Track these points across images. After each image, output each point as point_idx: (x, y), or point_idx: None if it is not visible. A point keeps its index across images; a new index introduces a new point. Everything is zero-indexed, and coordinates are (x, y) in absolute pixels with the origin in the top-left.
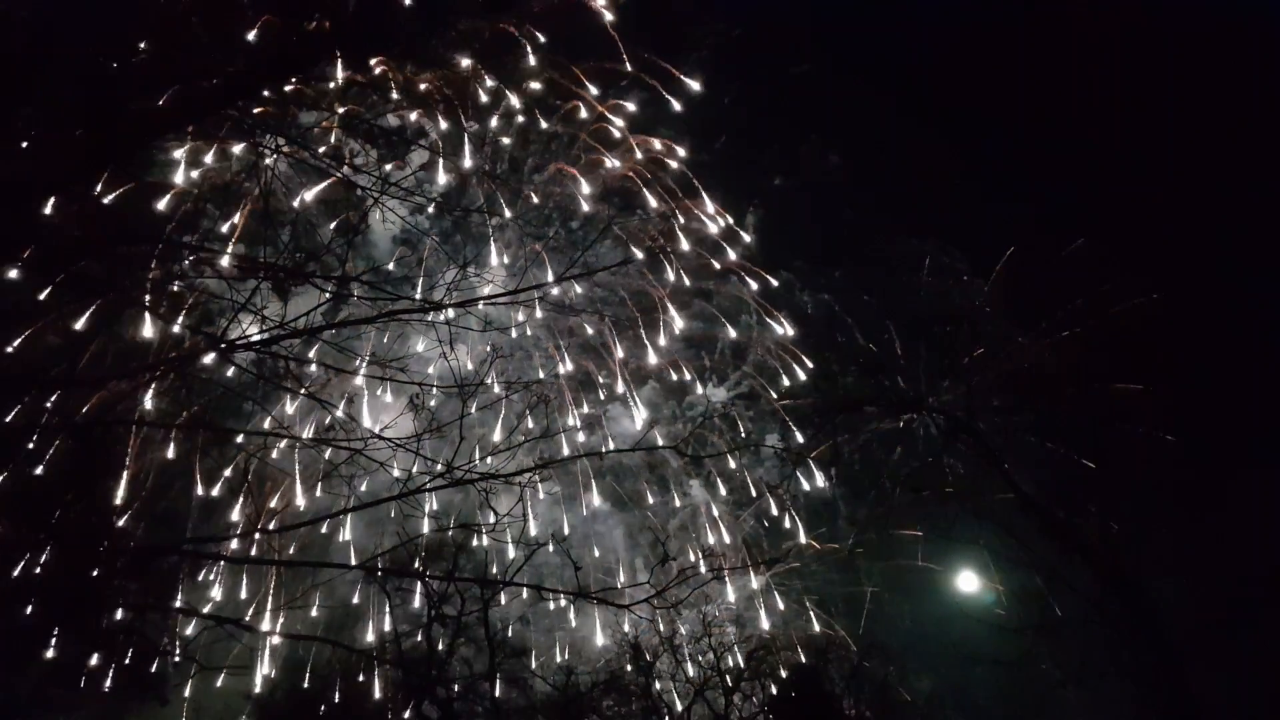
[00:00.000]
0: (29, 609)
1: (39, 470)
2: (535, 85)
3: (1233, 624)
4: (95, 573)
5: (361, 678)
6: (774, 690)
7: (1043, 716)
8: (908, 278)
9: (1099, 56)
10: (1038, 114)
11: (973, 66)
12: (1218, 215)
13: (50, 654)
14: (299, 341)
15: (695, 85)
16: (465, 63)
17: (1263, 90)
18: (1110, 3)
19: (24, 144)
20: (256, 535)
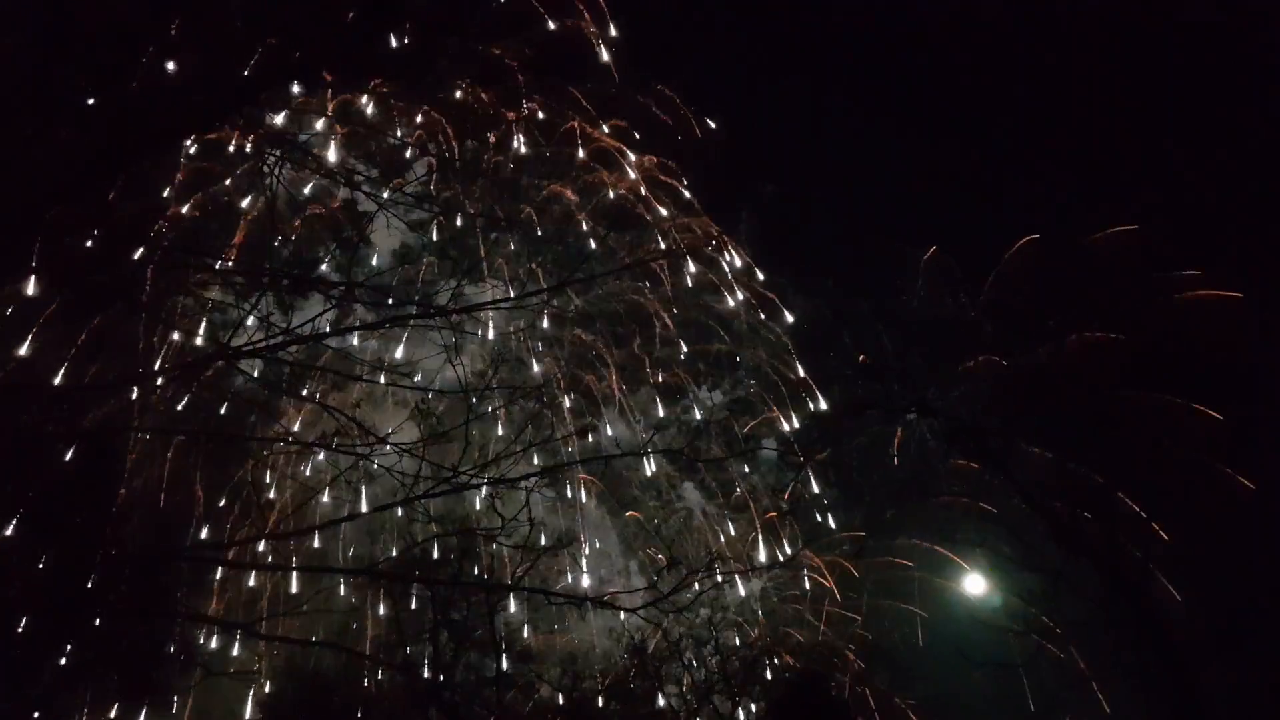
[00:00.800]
0: (36, 615)
1: (46, 477)
2: (539, 114)
3: (1239, 627)
4: (101, 578)
5: (366, 683)
6: (777, 695)
7: (1048, 719)
8: (902, 283)
9: (1093, 56)
10: (1030, 116)
11: (961, 68)
12: (1213, 214)
13: (57, 660)
14: (304, 348)
15: (712, 124)
16: (458, 94)
17: (1262, 90)
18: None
19: (28, 153)
20: (261, 542)
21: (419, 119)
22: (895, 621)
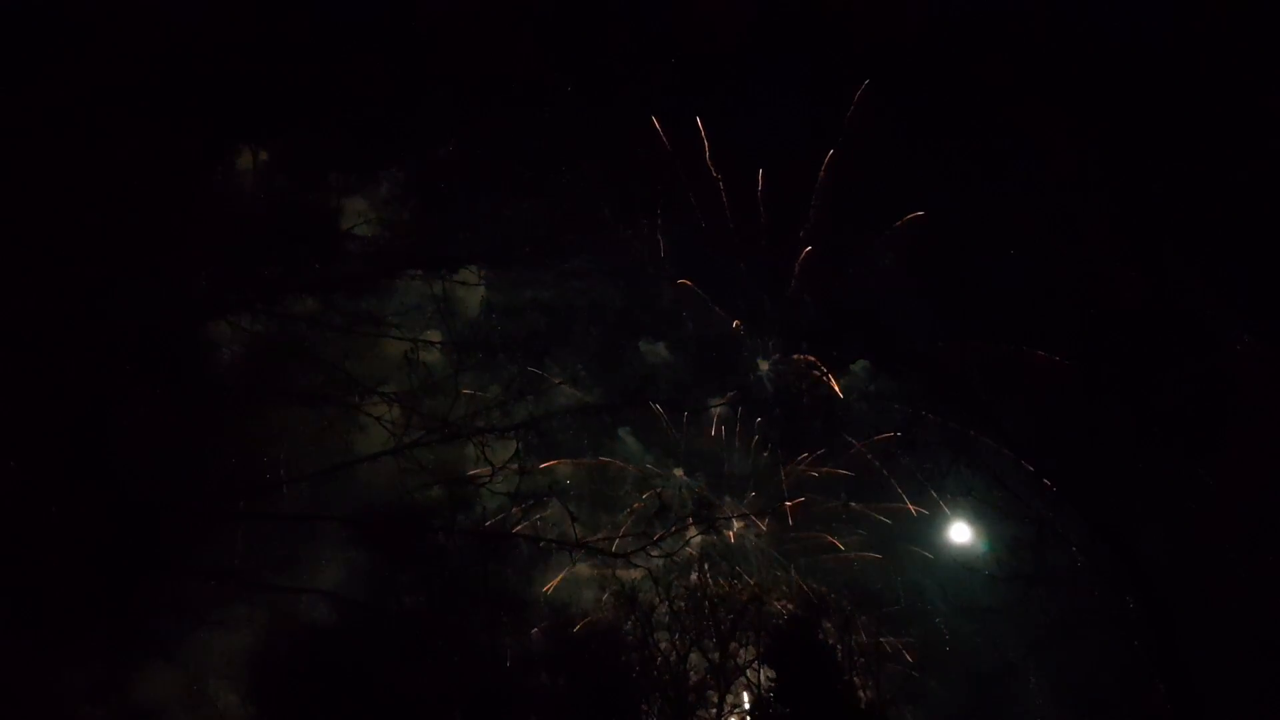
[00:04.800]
0: (37, 568)
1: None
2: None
3: (1224, 577)
4: (101, 532)
5: (363, 634)
6: (767, 639)
7: (1032, 666)
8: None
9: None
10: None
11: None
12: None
13: (57, 613)
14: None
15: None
16: None
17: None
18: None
19: None
20: (256, 493)
21: None
22: (886, 566)
